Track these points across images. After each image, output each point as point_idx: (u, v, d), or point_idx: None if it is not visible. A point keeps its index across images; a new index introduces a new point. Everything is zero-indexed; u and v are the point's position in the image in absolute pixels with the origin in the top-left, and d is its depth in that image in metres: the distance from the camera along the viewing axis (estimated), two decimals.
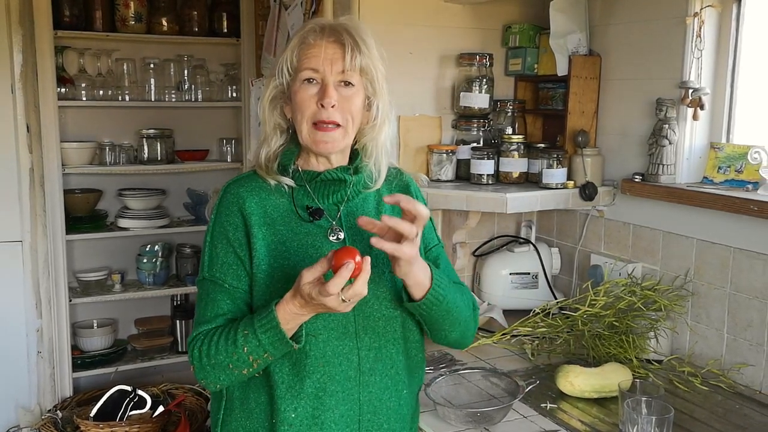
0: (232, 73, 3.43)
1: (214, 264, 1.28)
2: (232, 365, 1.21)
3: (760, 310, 1.73)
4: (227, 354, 1.21)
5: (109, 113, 3.34)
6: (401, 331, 1.33)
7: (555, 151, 2.12)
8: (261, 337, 1.17)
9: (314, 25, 1.28)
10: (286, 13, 2.56)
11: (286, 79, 1.29)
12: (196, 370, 1.25)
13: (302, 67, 1.26)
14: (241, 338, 1.19)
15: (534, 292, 2.26)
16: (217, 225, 1.29)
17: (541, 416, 1.58)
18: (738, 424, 1.57)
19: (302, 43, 1.27)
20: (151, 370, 3.37)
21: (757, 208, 1.67)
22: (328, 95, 1.24)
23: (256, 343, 1.18)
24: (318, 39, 1.26)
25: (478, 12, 2.28)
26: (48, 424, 2.75)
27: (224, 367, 1.22)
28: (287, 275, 1.24)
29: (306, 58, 1.25)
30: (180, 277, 3.48)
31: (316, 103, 1.25)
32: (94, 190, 3.29)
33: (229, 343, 1.20)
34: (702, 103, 1.88)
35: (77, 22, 3.09)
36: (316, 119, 1.26)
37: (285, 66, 1.28)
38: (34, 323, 2.97)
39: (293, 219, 1.29)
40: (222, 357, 1.21)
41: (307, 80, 1.26)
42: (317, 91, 1.25)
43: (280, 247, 1.26)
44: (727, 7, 1.88)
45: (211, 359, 1.22)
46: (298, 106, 1.27)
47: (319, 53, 1.25)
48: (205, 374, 1.25)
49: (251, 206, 1.27)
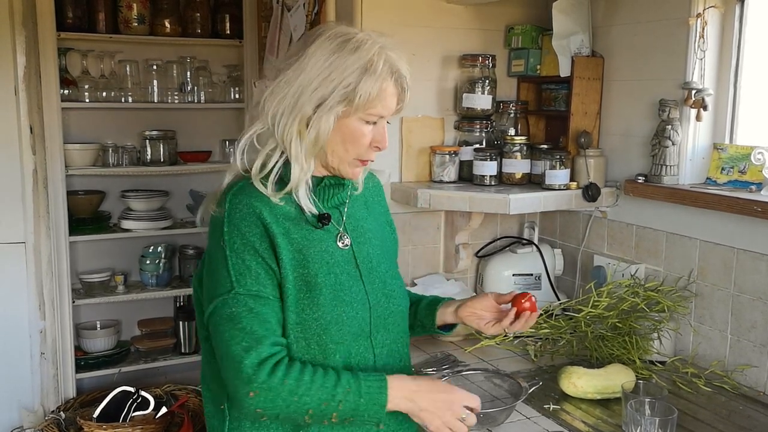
0: (235, 74, 3.43)
1: (246, 277, 1.20)
2: (312, 411, 1.16)
3: (763, 312, 1.73)
4: (317, 399, 1.16)
5: (112, 115, 3.35)
6: (406, 327, 1.39)
7: (558, 152, 2.12)
8: (363, 398, 1.17)
9: (402, 68, 1.23)
10: (289, 15, 2.56)
11: (337, 101, 1.20)
12: (261, 393, 1.15)
13: (374, 109, 1.22)
14: (341, 392, 1.17)
15: (537, 294, 2.24)
16: (237, 237, 1.20)
17: (544, 417, 1.58)
18: (742, 425, 1.56)
19: (390, 86, 1.22)
20: (154, 371, 3.37)
21: (760, 209, 1.66)
22: (386, 141, 1.26)
23: (354, 405, 1.17)
24: (401, 85, 1.24)
25: (480, 13, 2.28)
26: (51, 425, 2.75)
27: (303, 409, 1.16)
28: (309, 284, 1.23)
29: (382, 102, 1.22)
30: (183, 279, 3.48)
31: (369, 144, 1.25)
32: (97, 192, 3.30)
33: (323, 391, 1.16)
34: (705, 104, 1.88)
35: (80, 23, 3.09)
36: (365, 158, 1.27)
37: (350, 94, 1.19)
38: (38, 324, 2.97)
39: (304, 226, 1.26)
40: (308, 399, 1.16)
41: (369, 121, 1.24)
42: (371, 131, 1.24)
43: (299, 255, 1.23)
44: (730, 8, 1.88)
45: (294, 395, 1.16)
46: (351, 141, 1.23)
47: (393, 103, 1.24)
48: (271, 401, 1.15)
49: (268, 216, 1.22)
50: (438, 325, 1.47)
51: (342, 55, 1.20)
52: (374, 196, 1.43)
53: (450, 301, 1.48)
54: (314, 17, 2.35)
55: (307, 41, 1.24)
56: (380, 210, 1.44)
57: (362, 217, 1.36)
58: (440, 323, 1.47)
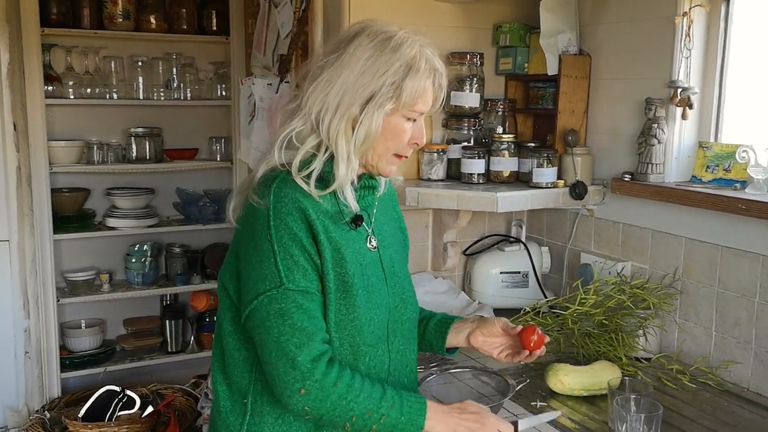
0: (222, 71, 3.41)
1: (294, 272, 1.17)
2: (356, 418, 1.17)
3: (747, 308, 1.75)
4: (363, 408, 1.17)
5: (96, 112, 3.32)
6: (416, 335, 1.41)
7: (545, 151, 2.12)
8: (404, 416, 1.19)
9: (439, 67, 1.25)
10: (276, 12, 2.55)
11: (386, 99, 1.20)
12: (312, 391, 1.15)
13: (416, 105, 1.23)
14: (386, 406, 1.18)
15: (524, 291, 2.27)
16: (284, 231, 1.17)
17: (531, 414, 1.58)
18: (726, 421, 1.58)
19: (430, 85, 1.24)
20: (140, 370, 3.35)
21: (744, 206, 1.68)
22: (424, 137, 1.28)
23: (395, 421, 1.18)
24: (439, 83, 1.25)
25: (468, 11, 2.28)
26: (36, 424, 2.73)
27: (348, 414, 1.17)
28: (345, 284, 1.22)
29: (424, 100, 1.23)
30: (169, 277, 3.46)
31: (408, 140, 1.26)
32: (82, 190, 3.27)
33: (370, 401, 1.18)
34: (691, 103, 1.89)
35: (64, 19, 3.06)
36: (402, 153, 1.28)
37: (396, 91, 1.20)
38: (22, 323, 2.94)
39: (341, 225, 1.24)
40: (354, 406, 1.17)
41: (410, 118, 1.25)
42: (411, 128, 1.25)
43: (337, 254, 1.22)
44: (716, 7, 1.90)
45: (343, 399, 1.17)
46: (392, 138, 1.24)
47: (432, 100, 1.25)
48: (321, 401, 1.16)
49: (312, 212, 1.20)
50: (447, 347, 1.48)
51: (385, 53, 1.20)
52: (390, 202, 1.43)
53: (459, 324, 1.47)
54: (301, 14, 2.33)
55: (343, 39, 1.24)
56: (395, 216, 1.44)
57: (383, 221, 1.37)
58: (449, 346, 1.47)
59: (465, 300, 2.27)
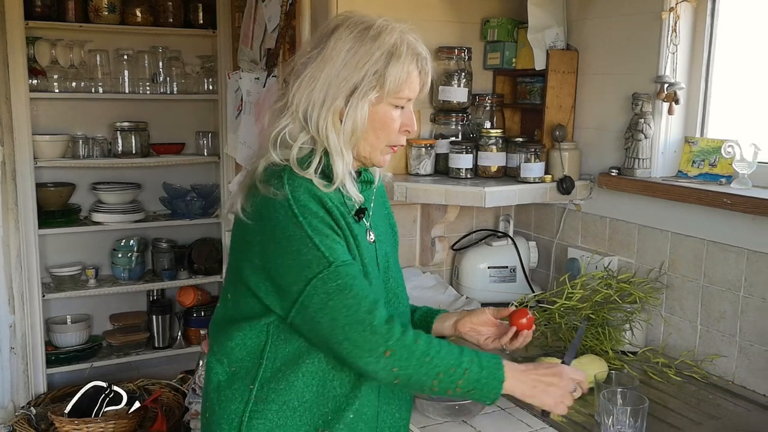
0: (209, 65, 3.39)
1: (336, 249, 1.17)
2: (443, 374, 1.17)
3: (732, 302, 1.76)
4: (447, 363, 1.18)
5: (82, 105, 3.29)
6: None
7: (533, 146, 2.13)
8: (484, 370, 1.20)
9: (422, 51, 1.25)
10: (263, 5, 2.53)
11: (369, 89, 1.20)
12: (397, 350, 1.15)
13: (401, 92, 1.22)
14: (467, 360, 1.19)
15: (512, 286, 2.28)
16: (311, 216, 1.17)
17: (518, 408, 1.59)
18: (711, 413, 1.59)
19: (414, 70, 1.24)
20: (126, 366, 3.33)
21: (730, 201, 1.69)
22: (414, 124, 1.27)
23: (477, 375, 1.19)
24: (423, 68, 1.25)
25: (456, 6, 2.28)
26: (22, 420, 2.71)
27: (434, 371, 1.17)
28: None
29: (409, 86, 1.23)
30: (156, 272, 3.44)
31: (398, 129, 1.25)
32: (68, 184, 3.24)
33: (451, 356, 1.19)
34: (677, 98, 1.90)
35: (49, 12, 3.03)
36: (395, 143, 1.27)
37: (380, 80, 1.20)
38: (7, 319, 2.92)
39: (348, 218, 1.25)
40: (438, 362, 1.17)
41: (398, 106, 1.24)
42: (399, 115, 1.25)
43: (354, 242, 1.24)
44: (702, 3, 1.90)
45: (426, 356, 1.16)
46: (382, 127, 1.24)
47: (418, 85, 1.25)
48: (407, 360, 1.16)
49: (326, 200, 1.20)
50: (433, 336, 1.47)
51: (365, 42, 1.20)
52: (381, 197, 1.43)
53: (446, 314, 1.48)
54: (289, 8, 2.32)
55: (323, 34, 1.23)
56: (385, 212, 1.45)
57: (377, 216, 1.37)
58: (436, 334, 1.46)
59: (453, 295, 2.27)
